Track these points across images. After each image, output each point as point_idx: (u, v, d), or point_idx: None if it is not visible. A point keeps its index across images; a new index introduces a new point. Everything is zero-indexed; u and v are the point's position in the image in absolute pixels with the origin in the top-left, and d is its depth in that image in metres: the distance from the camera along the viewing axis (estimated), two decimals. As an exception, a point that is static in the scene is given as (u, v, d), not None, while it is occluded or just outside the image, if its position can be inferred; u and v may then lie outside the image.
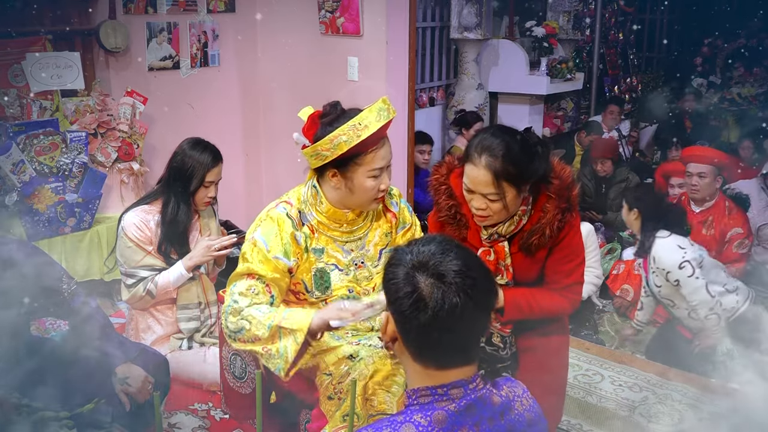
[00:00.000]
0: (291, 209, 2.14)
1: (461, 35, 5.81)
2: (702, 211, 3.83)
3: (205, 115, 4.50)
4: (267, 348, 2.06)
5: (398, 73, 4.14)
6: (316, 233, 2.15)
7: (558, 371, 2.23)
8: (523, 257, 2.08)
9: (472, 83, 5.97)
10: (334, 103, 2.10)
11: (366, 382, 2.03)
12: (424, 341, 1.28)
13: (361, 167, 2.05)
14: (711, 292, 3.26)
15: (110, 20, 3.97)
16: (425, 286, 1.26)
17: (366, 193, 2.08)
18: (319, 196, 2.14)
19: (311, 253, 2.14)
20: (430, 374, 1.30)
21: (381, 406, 2.02)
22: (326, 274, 2.16)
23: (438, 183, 2.14)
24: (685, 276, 3.24)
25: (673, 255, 3.27)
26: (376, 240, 2.24)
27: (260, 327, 2.04)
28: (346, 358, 2.12)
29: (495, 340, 2.13)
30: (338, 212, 2.15)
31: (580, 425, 2.91)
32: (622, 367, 3.39)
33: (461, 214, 2.10)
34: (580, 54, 7.27)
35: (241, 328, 2.07)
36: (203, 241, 2.93)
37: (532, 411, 1.40)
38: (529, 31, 6.23)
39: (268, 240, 2.10)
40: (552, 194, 2.01)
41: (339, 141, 1.99)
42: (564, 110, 6.81)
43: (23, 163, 3.41)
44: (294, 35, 4.52)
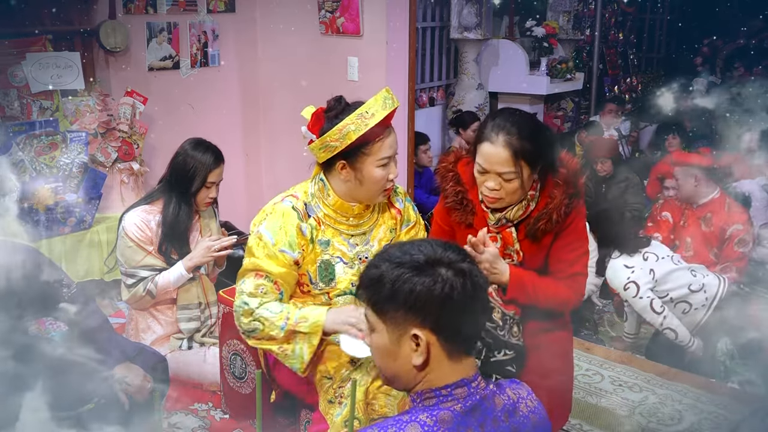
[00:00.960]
0: (297, 202, 2.15)
1: (461, 35, 5.81)
2: (700, 206, 3.84)
3: (205, 115, 4.50)
4: (283, 348, 2.09)
5: (398, 73, 4.14)
6: (322, 225, 2.16)
7: (564, 372, 2.23)
8: (529, 244, 2.08)
9: (472, 83, 5.98)
10: (338, 98, 2.12)
11: (367, 387, 2.03)
12: (459, 327, 1.29)
13: (369, 157, 2.07)
14: (656, 308, 3.35)
15: (110, 20, 3.97)
16: (449, 276, 1.27)
17: (376, 184, 2.10)
18: (326, 188, 2.15)
19: (317, 245, 2.15)
20: (463, 364, 1.31)
21: (382, 410, 2.02)
22: (331, 266, 2.16)
23: (446, 170, 2.16)
24: (630, 296, 3.38)
25: (619, 275, 3.41)
26: (380, 236, 2.25)
27: (273, 328, 2.07)
28: (347, 362, 2.12)
29: (495, 315, 2.11)
30: (345, 205, 2.16)
31: (580, 425, 2.91)
32: (622, 367, 3.39)
33: (468, 199, 2.12)
34: (580, 54, 7.27)
35: (255, 329, 2.10)
36: (204, 241, 2.93)
37: (537, 413, 1.39)
38: (529, 31, 6.23)
39: (273, 233, 2.11)
40: (560, 181, 2.03)
41: (347, 130, 2.01)
42: (564, 110, 6.81)
43: (23, 163, 3.42)
44: (294, 35, 4.52)
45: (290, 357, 2.08)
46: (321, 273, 2.16)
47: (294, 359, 2.08)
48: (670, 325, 3.35)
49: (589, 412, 3.00)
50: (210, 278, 3.09)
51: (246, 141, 4.86)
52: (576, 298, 2.13)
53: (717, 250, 3.77)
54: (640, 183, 4.95)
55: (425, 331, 1.27)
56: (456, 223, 2.17)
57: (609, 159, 4.95)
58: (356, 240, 2.20)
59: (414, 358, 1.28)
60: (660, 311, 3.35)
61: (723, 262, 3.72)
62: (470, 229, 2.13)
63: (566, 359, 2.25)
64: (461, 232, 2.17)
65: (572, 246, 2.08)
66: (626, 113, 6.78)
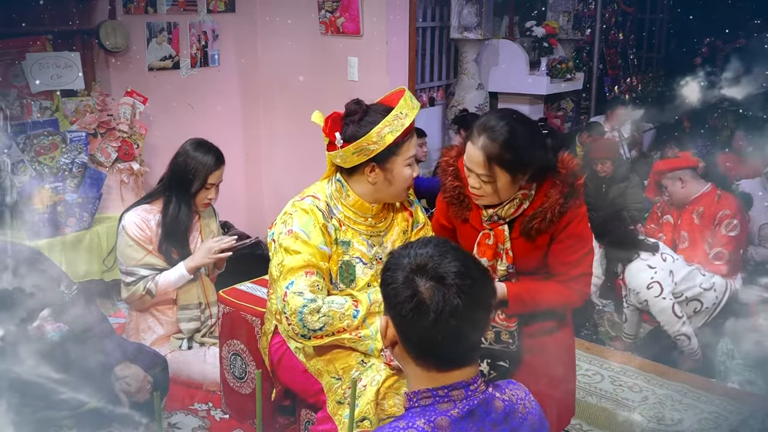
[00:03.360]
0: (319, 202, 2.15)
1: (461, 35, 5.80)
2: (691, 203, 3.86)
3: (205, 115, 4.49)
4: (357, 333, 2.08)
5: (398, 73, 4.14)
6: (343, 226, 2.17)
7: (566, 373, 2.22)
8: (523, 242, 2.07)
9: (472, 83, 5.97)
10: (357, 101, 2.12)
11: (379, 387, 2.03)
12: (426, 344, 1.28)
13: (399, 157, 2.09)
14: (677, 312, 3.37)
15: (110, 20, 3.97)
16: (425, 289, 1.25)
17: (405, 182, 2.14)
18: (344, 189, 2.16)
19: (339, 246, 2.16)
20: (432, 376, 1.30)
21: (391, 410, 2.02)
22: (351, 266, 2.17)
23: (446, 164, 2.17)
24: (652, 296, 3.37)
25: (642, 275, 3.42)
26: (394, 237, 2.27)
27: (345, 318, 2.05)
28: (358, 363, 2.12)
29: (504, 337, 2.11)
30: (365, 205, 2.17)
31: (580, 425, 2.91)
32: (622, 367, 3.39)
33: (464, 195, 2.12)
34: (580, 54, 7.26)
35: (323, 325, 2.05)
36: (205, 243, 2.93)
37: (535, 414, 1.39)
38: (529, 31, 6.22)
39: (309, 230, 2.09)
40: (557, 181, 2.02)
41: (385, 133, 2.02)
42: (564, 110, 6.80)
43: (23, 163, 3.41)
44: (294, 35, 4.52)
45: (365, 339, 2.08)
46: (342, 274, 2.17)
47: (370, 340, 2.07)
48: (686, 333, 3.37)
49: (589, 412, 3.00)
50: (210, 278, 3.09)
51: (246, 141, 4.86)
52: (578, 297, 2.11)
53: (710, 240, 3.79)
54: (640, 183, 4.95)
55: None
56: (453, 217, 2.18)
57: (609, 159, 4.96)
58: (373, 241, 2.22)
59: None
60: (680, 316, 3.37)
61: (714, 248, 3.74)
62: (466, 224, 2.15)
63: (568, 360, 2.25)
64: (460, 227, 2.19)
65: (574, 248, 2.06)
66: (634, 113, 6.77)
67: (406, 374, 1.36)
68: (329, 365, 2.16)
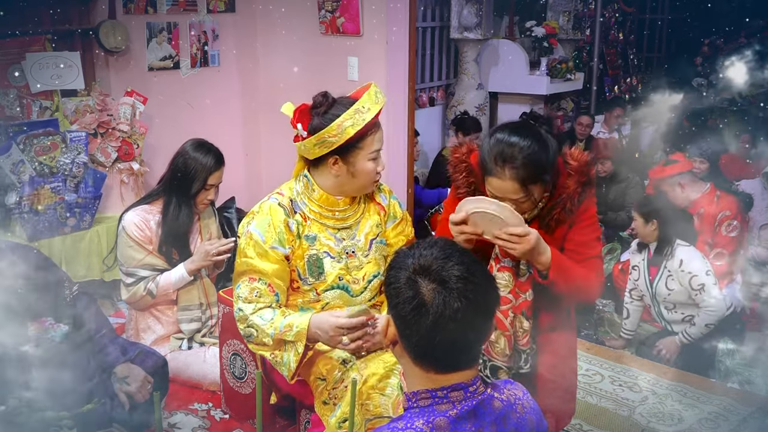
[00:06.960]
0: (283, 199, 2.20)
1: (461, 35, 5.80)
2: (692, 204, 3.87)
3: (205, 115, 4.49)
4: (274, 354, 2.15)
5: (398, 73, 4.14)
6: (308, 221, 2.20)
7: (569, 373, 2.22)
8: (543, 236, 2.07)
9: (472, 83, 5.97)
10: (324, 93, 2.15)
11: (360, 387, 2.04)
12: (425, 346, 1.28)
13: (362, 151, 2.12)
14: (727, 304, 3.39)
15: (110, 20, 3.97)
16: (427, 291, 1.26)
17: (368, 176, 2.16)
18: (310, 184, 2.20)
19: (304, 240, 2.19)
20: (431, 377, 1.30)
21: (377, 410, 2.02)
22: (319, 260, 2.19)
23: (458, 161, 2.16)
24: (711, 283, 3.37)
25: (701, 262, 3.43)
26: (366, 230, 2.28)
27: (265, 335, 2.11)
28: (339, 364, 2.14)
29: (523, 365, 2.11)
30: (331, 198, 2.20)
31: (580, 425, 2.91)
32: (622, 367, 3.39)
33: (480, 191, 2.12)
34: (580, 54, 7.26)
35: (250, 335, 2.15)
36: (202, 246, 2.93)
37: (534, 413, 1.39)
38: (529, 31, 6.22)
39: (263, 231, 2.15)
40: (571, 171, 2.04)
41: (345, 126, 2.05)
42: (564, 110, 6.80)
43: (23, 163, 3.41)
44: (294, 35, 4.52)
45: (280, 364, 2.14)
46: (310, 267, 2.19)
47: (283, 366, 2.13)
48: (713, 321, 3.36)
49: (589, 412, 3.00)
50: (210, 278, 3.09)
51: (246, 141, 4.86)
52: (599, 283, 2.12)
53: (711, 240, 3.80)
54: (640, 183, 4.95)
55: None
56: None
57: (609, 159, 4.96)
58: (342, 234, 2.23)
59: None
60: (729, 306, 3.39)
61: (715, 249, 3.75)
62: None
63: (571, 359, 2.25)
64: None
65: (591, 228, 2.09)
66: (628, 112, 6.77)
67: (406, 374, 1.36)
68: (313, 366, 2.18)
